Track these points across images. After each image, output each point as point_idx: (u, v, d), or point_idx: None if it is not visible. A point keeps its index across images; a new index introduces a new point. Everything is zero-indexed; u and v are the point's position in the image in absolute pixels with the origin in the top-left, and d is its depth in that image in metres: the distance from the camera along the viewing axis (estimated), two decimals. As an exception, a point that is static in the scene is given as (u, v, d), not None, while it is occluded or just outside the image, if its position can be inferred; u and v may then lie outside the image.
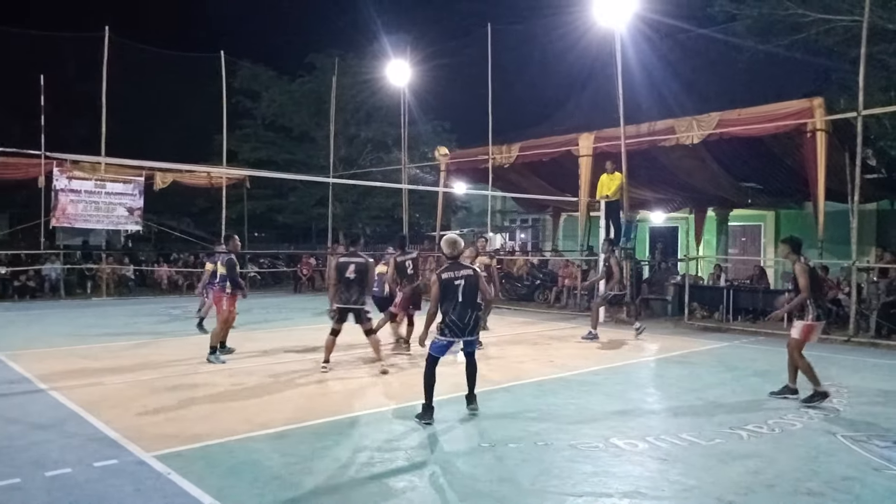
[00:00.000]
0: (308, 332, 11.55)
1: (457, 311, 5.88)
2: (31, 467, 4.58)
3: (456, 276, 5.93)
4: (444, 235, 10.27)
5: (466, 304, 5.90)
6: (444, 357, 6.05)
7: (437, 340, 5.96)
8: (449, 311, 5.89)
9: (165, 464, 4.63)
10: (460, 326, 5.88)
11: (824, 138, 11.72)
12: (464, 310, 5.89)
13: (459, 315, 5.88)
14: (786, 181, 14.97)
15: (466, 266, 6.15)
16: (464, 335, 5.92)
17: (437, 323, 6.00)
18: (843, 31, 12.70)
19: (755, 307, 13.54)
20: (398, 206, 21.25)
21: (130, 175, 18.72)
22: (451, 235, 6.39)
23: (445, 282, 5.91)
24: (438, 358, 5.99)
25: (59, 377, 7.54)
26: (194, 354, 9.20)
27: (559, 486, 4.38)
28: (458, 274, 5.95)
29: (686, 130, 13.51)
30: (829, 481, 4.49)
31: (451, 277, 5.93)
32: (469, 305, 5.92)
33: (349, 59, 23.88)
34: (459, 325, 5.88)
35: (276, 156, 24.70)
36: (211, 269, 11.09)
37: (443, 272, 5.98)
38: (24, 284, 17.94)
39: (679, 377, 8.18)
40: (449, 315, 5.89)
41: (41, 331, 11.61)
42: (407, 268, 9.54)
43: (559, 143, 16.20)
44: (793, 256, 6.90)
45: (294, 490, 4.27)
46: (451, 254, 6.09)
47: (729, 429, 5.71)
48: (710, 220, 19.32)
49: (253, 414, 6.04)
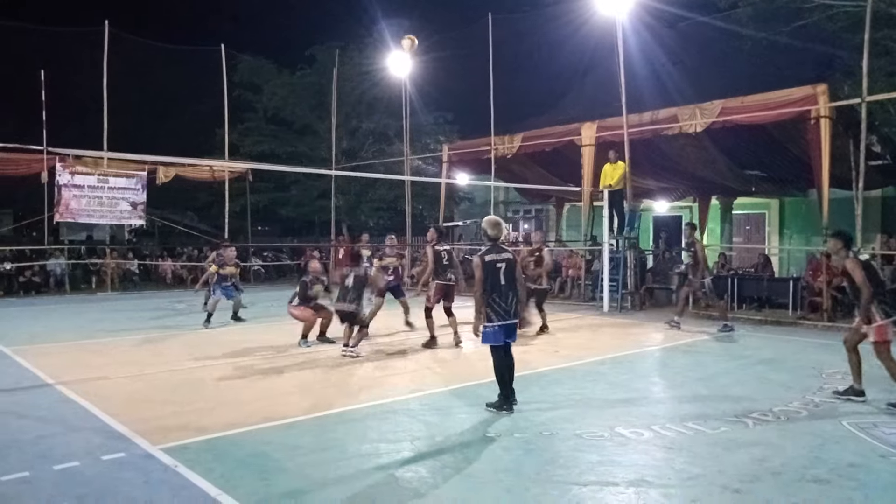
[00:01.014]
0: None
1: (500, 294, 5.85)
2: (39, 461, 4.61)
3: (498, 259, 5.90)
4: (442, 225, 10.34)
5: (508, 287, 5.88)
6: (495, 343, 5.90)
7: (486, 329, 5.87)
8: (493, 295, 5.85)
9: (173, 456, 4.66)
10: (505, 308, 5.84)
11: (828, 125, 11.65)
12: (506, 293, 5.86)
13: (503, 297, 5.85)
14: (790, 169, 14.90)
15: (506, 249, 6.10)
16: (509, 318, 5.85)
17: (483, 309, 5.89)
18: (847, 17, 12.60)
19: (760, 295, 13.52)
20: (401, 198, 21.23)
21: (133, 170, 18.74)
22: (493, 216, 6.33)
23: (488, 264, 5.87)
24: (501, 346, 5.90)
25: (66, 372, 7.58)
26: (200, 348, 9.24)
27: (564, 476, 4.39)
28: (500, 257, 5.93)
29: (689, 119, 13.45)
30: (836, 468, 4.50)
31: (493, 259, 5.89)
32: (511, 288, 5.90)
33: (350, 51, 23.82)
34: (504, 307, 5.84)
35: (279, 149, 24.69)
36: (215, 270, 11.38)
37: (485, 255, 5.92)
38: (30, 280, 18.02)
39: (684, 366, 8.18)
40: (493, 298, 5.84)
41: (47, 326, 11.66)
42: (443, 258, 9.46)
43: (562, 133, 16.15)
44: (843, 252, 6.35)
45: (301, 481, 4.29)
46: (494, 234, 6.05)
47: (734, 417, 5.72)
48: (714, 209, 19.28)
49: (259, 406, 6.06)
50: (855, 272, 6.12)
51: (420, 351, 9.06)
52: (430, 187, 21.94)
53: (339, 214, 22.69)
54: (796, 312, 12.44)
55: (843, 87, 12.54)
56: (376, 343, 9.60)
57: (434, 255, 9.44)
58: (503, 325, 5.84)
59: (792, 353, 9.00)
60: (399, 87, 20.11)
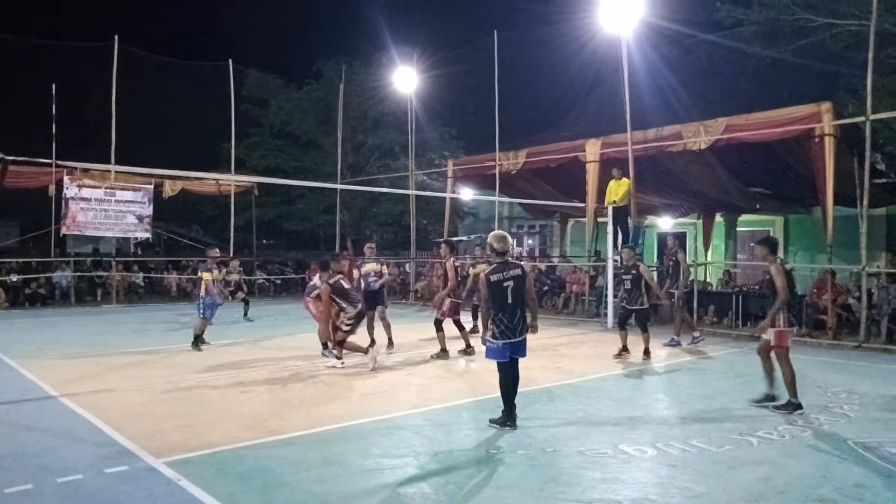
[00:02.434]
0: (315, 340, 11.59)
1: (507, 313, 5.83)
2: (43, 473, 4.62)
3: (505, 278, 5.86)
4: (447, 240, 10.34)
5: (515, 306, 5.86)
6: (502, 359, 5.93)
7: (490, 345, 5.89)
8: (499, 314, 5.84)
9: (176, 470, 4.66)
10: (510, 327, 5.83)
11: (832, 143, 11.68)
12: (513, 311, 5.85)
13: (509, 317, 5.84)
14: (794, 186, 14.91)
15: (515, 264, 6.01)
16: (514, 336, 5.85)
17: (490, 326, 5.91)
18: (851, 36, 12.65)
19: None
20: (406, 213, 21.30)
21: (140, 183, 18.85)
22: (499, 231, 6.32)
23: (494, 284, 5.85)
24: (506, 362, 5.91)
25: (71, 384, 7.60)
26: (204, 362, 9.26)
27: (568, 493, 4.37)
28: (507, 275, 5.87)
29: (693, 136, 13.50)
30: (841, 488, 4.47)
31: (499, 279, 5.86)
32: (518, 306, 5.88)
33: (356, 66, 23.98)
34: (510, 326, 5.83)
35: (284, 163, 24.79)
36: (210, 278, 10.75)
37: (491, 274, 5.89)
38: (35, 292, 18.09)
39: (688, 383, 8.16)
40: (499, 316, 5.84)
41: (52, 338, 11.69)
42: (459, 272, 9.58)
43: (566, 149, 16.20)
44: (770, 258, 6.85)
45: (303, 497, 4.28)
46: (501, 248, 5.98)
47: (738, 435, 5.69)
48: (719, 226, 19.27)
49: (262, 421, 6.06)
50: (777, 278, 6.59)
51: (423, 365, 9.06)
52: (434, 202, 22.01)
53: (344, 228, 22.75)
54: (800, 330, 12.38)
55: (848, 105, 12.57)
56: (379, 356, 9.59)
57: (456, 270, 9.54)
58: (508, 343, 5.84)
59: (796, 371, 8.93)
60: (405, 103, 20.26)
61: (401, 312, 17.01)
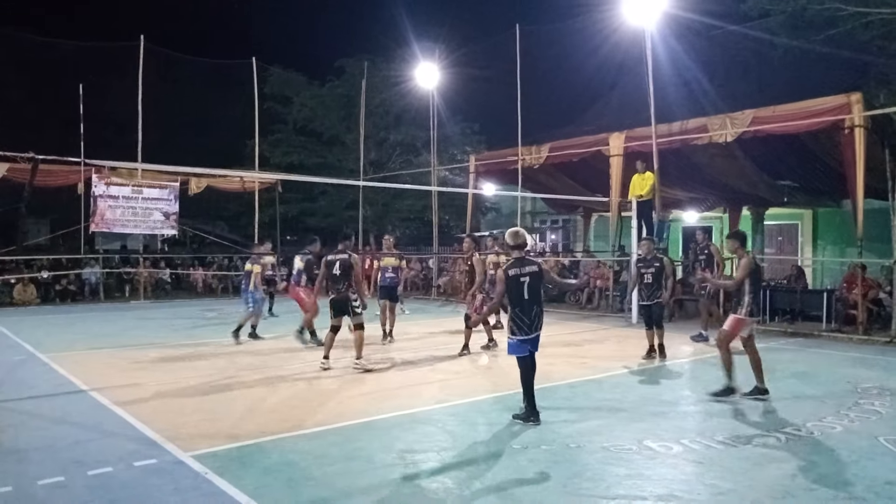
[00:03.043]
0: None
1: (523, 308, 5.88)
2: (74, 466, 4.71)
3: (522, 273, 5.90)
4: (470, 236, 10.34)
5: (532, 301, 5.89)
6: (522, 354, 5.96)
7: (510, 340, 5.95)
8: (516, 309, 5.90)
9: (203, 464, 4.72)
10: (528, 323, 5.87)
11: (863, 134, 11.43)
12: (529, 307, 5.89)
13: (526, 312, 5.87)
14: (823, 179, 14.62)
15: (532, 261, 6.05)
16: (531, 332, 5.89)
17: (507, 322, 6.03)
18: (882, 25, 12.36)
19: (793, 308, 13.27)
20: (428, 209, 21.34)
21: (166, 181, 19.11)
22: (514, 228, 6.34)
23: (512, 279, 5.90)
24: (526, 356, 5.95)
25: (100, 379, 7.74)
26: (230, 357, 9.37)
27: (592, 489, 4.35)
28: (524, 270, 5.91)
29: (719, 128, 13.31)
30: (872, 486, 4.38)
31: (517, 273, 5.90)
32: (535, 302, 5.91)
33: (378, 62, 24.06)
34: (528, 322, 5.87)
35: (307, 160, 25.00)
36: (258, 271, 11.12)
37: (509, 269, 5.94)
38: (66, 288, 18.45)
39: (715, 379, 8.02)
40: (516, 312, 5.89)
41: (82, 334, 11.92)
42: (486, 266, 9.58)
43: (589, 143, 16.08)
44: (741, 251, 7.03)
45: (328, 490, 4.31)
46: (516, 243, 6.01)
47: (766, 431, 5.61)
48: (745, 220, 18.95)
49: (287, 415, 6.12)
50: (741, 270, 6.81)
51: (446, 360, 9.07)
52: (457, 198, 22.00)
53: (366, 224, 22.85)
54: (830, 325, 12.17)
55: (879, 95, 12.28)
56: (402, 351, 9.63)
57: (483, 264, 9.52)
58: (525, 339, 5.89)
59: (825, 367, 8.82)
60: (426, 99, 20.26)
61: (423, 308, 17.05)
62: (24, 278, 17.69)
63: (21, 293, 17.36)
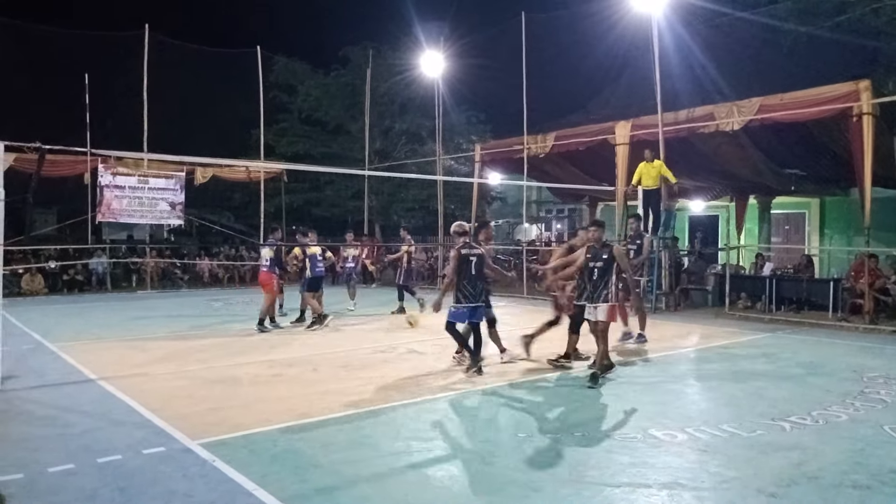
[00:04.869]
0: (345, 324, 11.72)
1: (470, 282, 7.28)
2: (83, 454, 4.76)
3: (471, 254, 7.35)
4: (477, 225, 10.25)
5: (476, 278, 7.31)
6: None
7: (453, 309, 7.35)
8: (463, 282, 7.27)
9: (211, 451, 4.77)
10: (473, 294, 7.29)
11: (871, 122, 11.34)
12: (475, 281, 7.29)
13: (472, 286, 7.30)
14: (830, 167, 14.55)
15: (476, 246, 7.48)
16: (474, 301, 7.30)
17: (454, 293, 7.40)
18: (893, 11, 12.26)
19: (799, 297, 13.23)
20: (433, 198, 21.31)
21: (172, 171, 19.15)
22: (457, 223, 7.84)
23: (463, 257, 7.32)
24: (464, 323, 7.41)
25: (109, 368, 7.80)
26: (237, 346, 9.43)
27: (597, 477, 4.37)
28: (473, 252, 7.37)
29: (726, 117, 13.23)
30: (877, 474, 4.39)
31: (467, 254, 7.33)
32: (479, 278, 7.33)
33: (383, 51, 23.97)
34: (472, 293, 7.29)
35: (313, 149, 24.99)
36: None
37: (461, 249, 7.36)
38: (73, 278, 18.56)
39: (719, 368, 8.06)
40: (463, 284, 7.27)
41: (90, 323, 12.00)
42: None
43: (595, 132, 16.01)
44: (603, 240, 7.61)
45: (334, 478, 4.35)
46: (460, 231, 7.58)
47: (771, 420, 5.62)
48: (752, 208, 18.91)
49: (293, 404, 6.16)
50: (622, 259, 7.36)
51: (452, 349, 9.08)
52: (462, 187, 21.98)
53: (372, 214, 22.86)
54: (836, 314, 12.14)
55: (888, 82, 12.22)
56: (408, 340, 9.66)
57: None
58: (469, 306, 7.28)
59: (832, 356, 8.80)
60: (432, 87, 20.18)
61: (429, 298, 17.06)
62: (32, 268, 17.80)
63: (29, 283, 17.47)
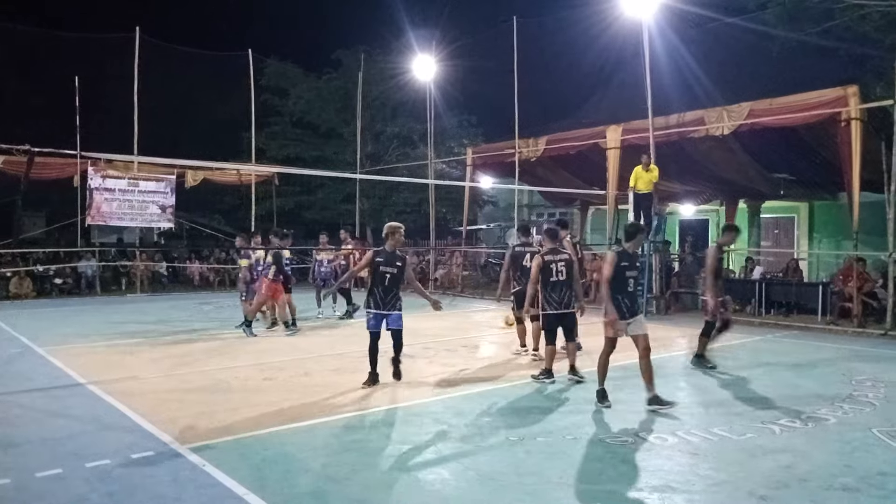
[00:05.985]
0: (336, 328, 11.68)
1: (382, 288, 7.07)
2: (71, 458, 4.72)
3: (386, 262, 7.06)
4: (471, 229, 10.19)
5: (391, 286, 7.09)
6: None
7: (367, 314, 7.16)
8: (378, 288, 7.07)
9: (200, 455, 4.74)
10: (385, 301, 7.09)
11: (859, 127, 11.45)
12: (389, 289, 7.08)
13: (384, 293, 7.08)
14: (819, 172, 14.64)
15: (401, 256, 7.20)
16: (384, 309, 7.10)
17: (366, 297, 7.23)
18: (879, 17, 12.35)
19: (788, 300, 13.32)
20: (425, 202, 21.31)
21: (162, 173, 19.03)
22: (390, 223, 7.41)
23: (377, 263, 7.08)
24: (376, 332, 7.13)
25: (98, 372, 7.74)
26: (226, 350, 9.38)
27: (588, 480, 4.38)
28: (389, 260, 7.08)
29: (716, 121, 13.31)
30: (865, 477, 4.42)
31: (380, 262, 7.07)
32: (394, 286, 7.12)
33: (375, 54, 23.96)
34: (384, 301, 7.08)
35: (304, 153, 24.92)
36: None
37: (376, 256, 7.11)
38: (64, 281, 18.43)
39: (709, 372, 8.08)
40: (377, 290, 7.07)
41: (79, 327, 11.90)
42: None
43: (586, 136, 16.07)
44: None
45: (325, 482, 4.33)
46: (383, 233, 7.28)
47: (761, 423, 5.65)
48: (742, 213, 18.99)
49: (284, 408, 6.14)
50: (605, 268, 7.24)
51: (444, 353, 9.08)
52: (454, 191, 21.98)
53: (363, 218, 22.83)
54: (825, 318, 12.22)
55: (876, 88, 12.29)
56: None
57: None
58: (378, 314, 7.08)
59: (821, 360, 8.86)
60: (423, 91, 20.20)
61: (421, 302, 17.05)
62: (21, 272, 17.65)
63: (17, 286, 17.33)
